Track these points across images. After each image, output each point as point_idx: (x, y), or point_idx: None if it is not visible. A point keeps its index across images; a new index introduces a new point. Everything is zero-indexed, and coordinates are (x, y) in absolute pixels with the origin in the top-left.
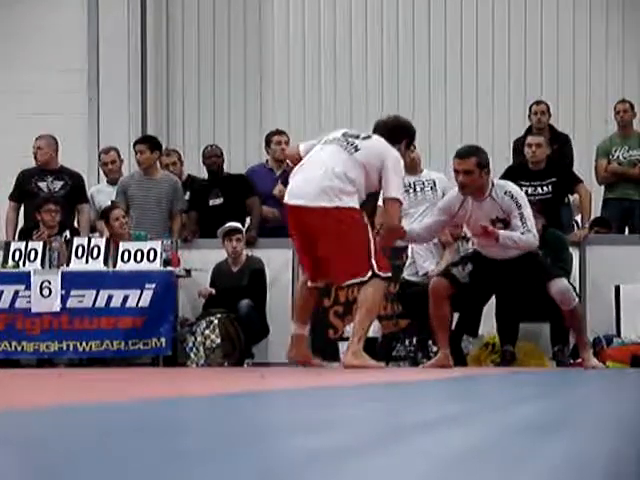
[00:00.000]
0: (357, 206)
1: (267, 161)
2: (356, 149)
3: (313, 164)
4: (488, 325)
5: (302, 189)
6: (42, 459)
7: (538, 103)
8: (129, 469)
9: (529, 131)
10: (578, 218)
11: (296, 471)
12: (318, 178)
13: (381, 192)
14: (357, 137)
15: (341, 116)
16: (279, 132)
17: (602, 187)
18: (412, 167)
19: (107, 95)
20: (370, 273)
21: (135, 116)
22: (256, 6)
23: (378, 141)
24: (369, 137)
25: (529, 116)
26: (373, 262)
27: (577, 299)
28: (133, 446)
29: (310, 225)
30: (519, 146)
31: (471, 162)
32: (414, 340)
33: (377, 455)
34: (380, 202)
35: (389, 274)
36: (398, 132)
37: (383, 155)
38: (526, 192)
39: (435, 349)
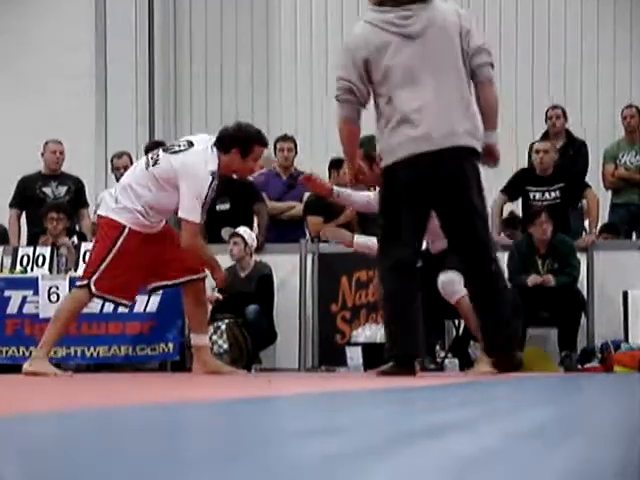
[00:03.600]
0: (121, 220)
1: (275, 167)
2: (155, 163)
3: None
4: None
5: None
6: (45, 464)
7: (554, 107)
8: (132, 473)
9: (546, 135)
10: (586, 223)
11: (301, 475)
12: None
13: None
14: (172, 149)
15: None
16: (284, 138)
17: (609, 192)
18: None
19: (114, 99)
20: (85, 282)
21: (143, 120)
22: (263, 13)
23: (186, 155)
24: (185, 149)
25: (545, 120)
26: (94, 277)
27: (461, 293)
28: (139, 450)
29: None
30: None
31: None
32: None
33: (382, 461)
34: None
35: (100, 294)
36: (225, 141)
37: (179, 173)
38: (534, 197)
39: (442, 354)
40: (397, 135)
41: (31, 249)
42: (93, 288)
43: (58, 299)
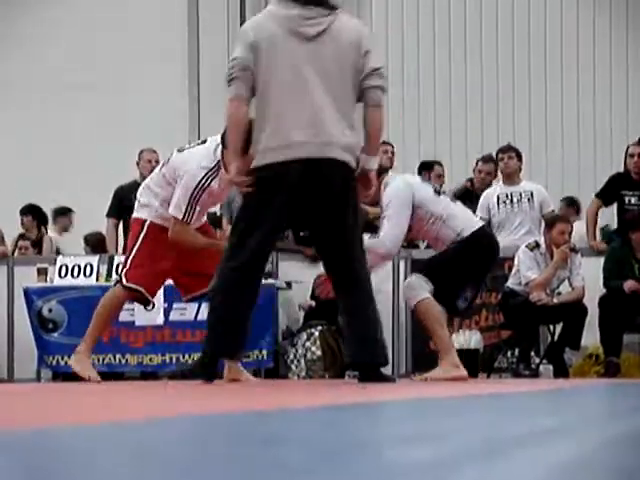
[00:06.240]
0: (142, 215)
1: None
2: (168, 161)
3: None
4: (592, 336)
5: None
6: (139, 469)
7: None
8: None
9: None
10: None
11: None
12: None
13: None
14: (183, 148)
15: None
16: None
17: None
18: (510, 177)
19: (206, 109)
20: (118, 277)
21: None
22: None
23: (188, 152)
24: (192, 147)
25: None
26: (124, 270)
27: (417, 298)
28: (234, 457)
29: None
30: None
31: None
32: (516, 351)
33: (482, 467)
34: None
35: (133, 285)
36: (225, 137)
37: (177, 169)
38: (629, 202)
39: (537, 360)
40: (271, 137)
41: None
42: (124, 279)
43: (153, 307)
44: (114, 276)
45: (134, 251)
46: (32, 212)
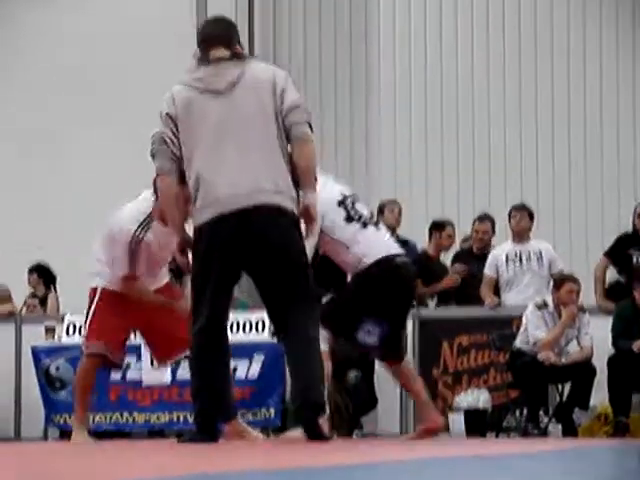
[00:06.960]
0: (94, 284)
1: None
2: (107, 226)
3: None
4: (600, 396)
5: None
6: None
7: None
8: None
9: None
10: None
11: None
12: None
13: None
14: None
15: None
16: (391, 202)
17: None
18: (520, 235)
19: None
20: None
21: None
22: (362, 79)
23: (122, 210)
24: (129, 203)
25: None
26: (83, 339)
27: None
28: None
29: None
30: None
31: None
32: (524, 411)
33: None
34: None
35: (93, 351)
36: (154, 186)
37: (114, 228)
38: (637, 261)
39: (546, 420)
40: (202, 196)
41: None
42: (84, 349)
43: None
44: None
45: (89, 316)
46: (38, 271)
